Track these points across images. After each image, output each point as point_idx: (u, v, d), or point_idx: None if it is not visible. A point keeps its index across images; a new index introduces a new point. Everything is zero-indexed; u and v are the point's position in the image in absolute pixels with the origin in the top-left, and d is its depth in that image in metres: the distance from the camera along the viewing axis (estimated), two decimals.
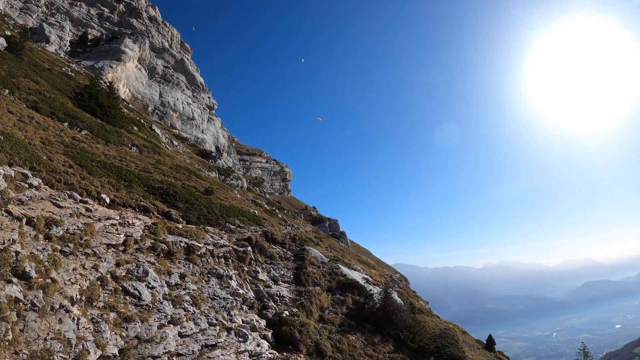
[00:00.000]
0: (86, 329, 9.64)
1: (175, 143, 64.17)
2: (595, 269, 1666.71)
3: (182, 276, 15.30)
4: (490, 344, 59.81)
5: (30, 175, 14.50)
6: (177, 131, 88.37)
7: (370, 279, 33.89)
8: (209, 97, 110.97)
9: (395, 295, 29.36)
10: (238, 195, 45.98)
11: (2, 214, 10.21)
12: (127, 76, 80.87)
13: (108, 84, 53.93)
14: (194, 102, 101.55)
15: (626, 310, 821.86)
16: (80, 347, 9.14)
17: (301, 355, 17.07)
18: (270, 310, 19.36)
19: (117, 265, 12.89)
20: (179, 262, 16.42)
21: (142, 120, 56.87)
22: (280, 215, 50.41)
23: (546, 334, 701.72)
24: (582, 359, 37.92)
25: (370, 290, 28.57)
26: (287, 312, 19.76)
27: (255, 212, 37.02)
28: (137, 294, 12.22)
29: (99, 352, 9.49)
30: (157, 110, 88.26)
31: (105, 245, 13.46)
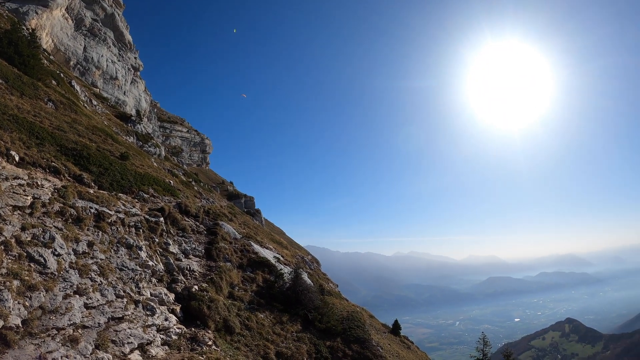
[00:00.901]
0: None
1: (95, 102, 61.01)
2: (499, 266, 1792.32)
3: (90, 244, 14.87)
4: (396, 328, 63.11)
5: None
6: (98, 90, 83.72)
7: (281, 258, 34.57)
8: (135, 58, 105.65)
9: (305, 276, 30.25)
10: (155, 164, 44.88)
11: None
12: (52, 25, 75.10)
13: (30, 31, 49.85)
14: (119, 60, 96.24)
15: (525, 306, 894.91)
16: None
17: (209, 331, 17.29)
18: (179, 284, 19.32)
19: (23, 229, 12.33)
20: (88, 229, 15.85)
21: (62, 75, 53.32)
22: (196, 188, 49.85)
23: (449, 323, 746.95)
24: (482, 347, 41.08)
25: (281, 269, 29.26)
26: (196, 287, 19.76)
27: (170, 182, 36.44)
28: (43, 261, 11.79)
29: (1, 323, 9.22)
30: (79, 65, 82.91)
31: (11, 207, 12.87)
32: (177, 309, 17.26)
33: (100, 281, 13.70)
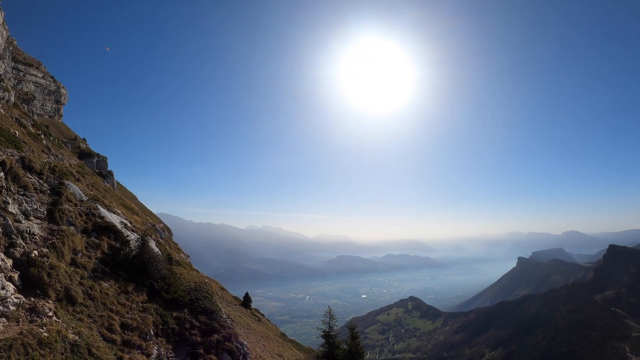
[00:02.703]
0: None
1: None
2: (349, 245, 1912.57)
3: None
4: (246, 301, 65.22)
5: None
6: None
7: (129, 224, 33.93)
8: None
9: (153, 244, 30.16)
10: (1, 110, 41.06)
11: None
12: None
13: None
14: None
15: (372, 284, 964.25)
16: None
17: (50, 301, 16.77)
18: (18, 248, 18.29)
19: None
20: None
21: None
22: (45, 142, 46.29)
23: (300, 297, 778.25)
24: (328, 320, 44.08)
25: (128, 236, 28.83)
26: (36, 252, 18.73)
27: (16, 133, 33.77)
28: None
29: None
30: None
31: None
32: (15, 276, 16.45)
33: None
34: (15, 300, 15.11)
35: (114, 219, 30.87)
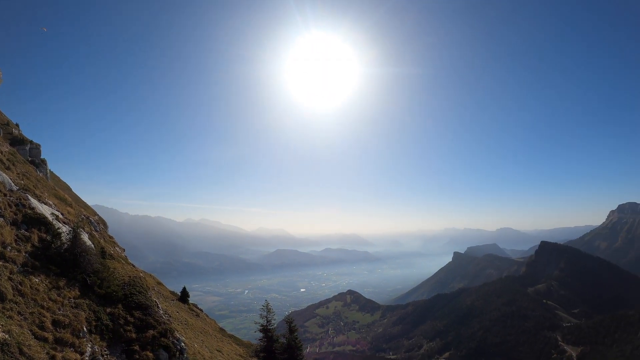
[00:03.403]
0: None
1: None
2: (287, 239, 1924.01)
3: None
4: (184, 296, 64.48)
5: None
6: None
7: (61, 216, 32.81)
8: None
9: (86, 237, 29.33)
10: None
11: None
12: None
13: None
14: None
15: (310, 278, 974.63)
16: None
17: None
18: None
19: None
20: None
21: None
22: None
23: (238, 291, 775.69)
24: (266, 313, 44.22)
25: (59, 228, 27.86)
26: None
27: None
28: None
29: None
30: None
31: None
32: None
33: None
34: None
35: (45, 210, 29.81)
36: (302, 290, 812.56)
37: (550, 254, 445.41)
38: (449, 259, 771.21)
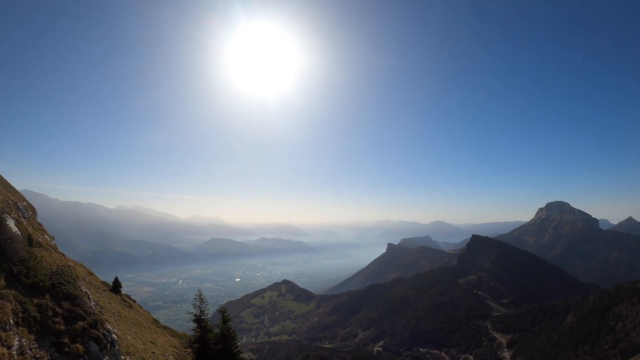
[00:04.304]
0: None
1: None
2: (222, 228, 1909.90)
3: None
4: (116, 286, 62.94)
5: None
6: None
7: None
8: None
9: (12, 224, 28.29)
10: None
11: None
12: None
13: None
14: None
15: (245, 267, 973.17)
16: None
17: None
18: None
19: None
20: None
21: None
22: None
23: (172, 281, 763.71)
24: (199, 303, 43.90)
25: None
26: None
27: None
28: None
29: None
30: None
31: None
32: None
33: None
34: None
35: None
36: (237, 280, 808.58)
37: (481, 247, 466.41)
38: (383, 250, 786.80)
